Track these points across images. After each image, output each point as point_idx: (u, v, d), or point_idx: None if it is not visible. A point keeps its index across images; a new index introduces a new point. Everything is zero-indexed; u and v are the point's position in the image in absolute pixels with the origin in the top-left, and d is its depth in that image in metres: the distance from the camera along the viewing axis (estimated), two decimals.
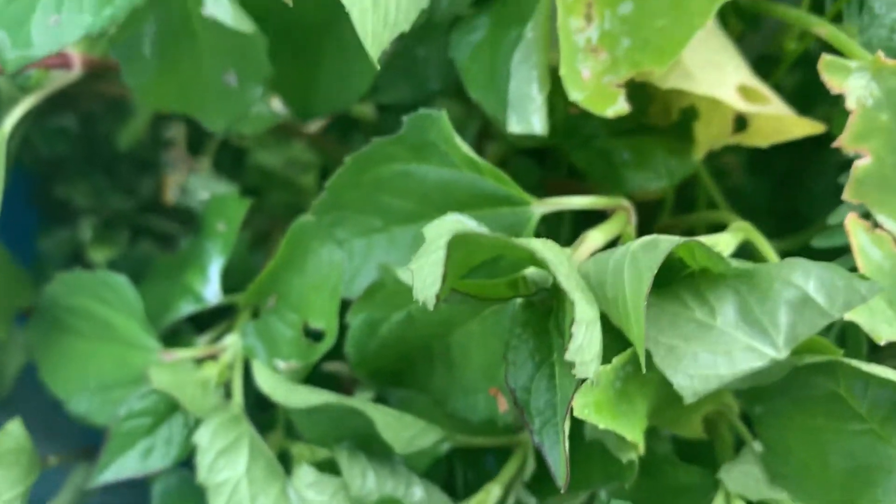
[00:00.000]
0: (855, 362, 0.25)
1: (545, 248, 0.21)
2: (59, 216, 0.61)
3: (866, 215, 0.28)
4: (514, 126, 0.29)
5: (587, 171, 0.36)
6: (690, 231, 0.37)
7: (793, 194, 0.47)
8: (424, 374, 0.32)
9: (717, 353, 0.24)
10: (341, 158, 0.31)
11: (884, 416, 0.26)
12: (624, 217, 0.30)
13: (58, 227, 0.60)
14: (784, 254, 0.38)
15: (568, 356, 0.20)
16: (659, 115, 0.35)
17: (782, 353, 0.24)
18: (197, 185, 0.46)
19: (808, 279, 0.24)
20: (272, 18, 0.36)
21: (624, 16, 0.29)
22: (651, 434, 0.31)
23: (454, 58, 0.32)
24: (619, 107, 0.28)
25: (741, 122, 0.32)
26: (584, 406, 0.24)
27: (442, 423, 0.32)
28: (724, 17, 0.33)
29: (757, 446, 0.29)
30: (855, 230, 0.27)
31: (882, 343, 0.25)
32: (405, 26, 0.28)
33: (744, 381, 0.26)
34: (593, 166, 0.35)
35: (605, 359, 0.26)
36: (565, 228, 0.40)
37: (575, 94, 0.28)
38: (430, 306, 0.20)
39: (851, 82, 0.27)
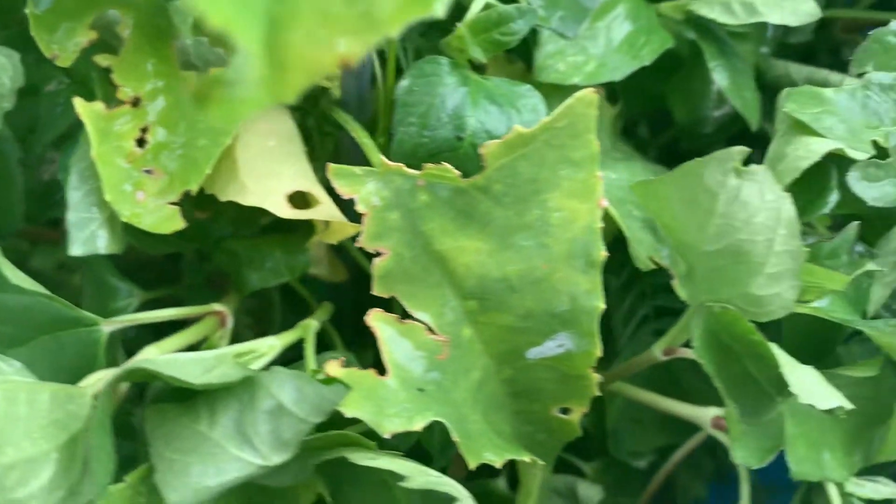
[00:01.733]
0: (357, 459, 0.26)
1: None
2: None
3: None
4: (76, 249, 0.30)
5: (227, 272, 0.37)
6: None
7: None
8: None
9: (208, 464, 0.25)
10: None
11: None
12: (212, 323, 0.31)
13: None
14: None
15: None
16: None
17: (271, 461, 0.25)
18: None
19: (282, 389, 0.25)
20: None
21: (172, 139, 0.30)
22: None
23: (61, 181, 0.34)
24: (175, 224, 0.30)
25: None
26: None
27: None
28: (319, 123, 0.34)
29: None
30: (379, 325, 0.28)
31: (387, 436, 0.26)
32: None
33: (269, 478, 0.27)
34: (228, 267, 0.36)
35: None
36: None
37: (125, 214, 0.29)
38: None
39: (365, 188, 0.28)
